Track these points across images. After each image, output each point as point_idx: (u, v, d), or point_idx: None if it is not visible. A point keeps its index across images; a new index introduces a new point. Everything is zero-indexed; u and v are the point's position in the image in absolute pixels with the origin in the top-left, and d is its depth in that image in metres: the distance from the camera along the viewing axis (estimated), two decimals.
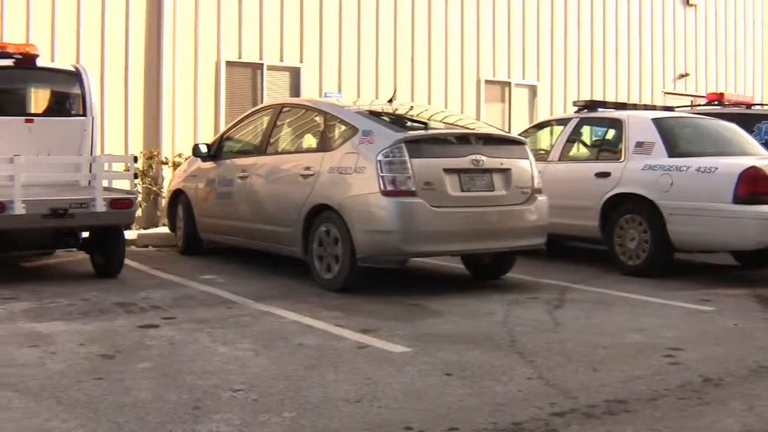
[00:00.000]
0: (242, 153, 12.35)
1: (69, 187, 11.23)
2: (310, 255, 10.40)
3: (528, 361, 6.88)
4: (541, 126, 14.69)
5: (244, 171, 11.69)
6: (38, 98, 12.71)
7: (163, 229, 14.89)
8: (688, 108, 16.09)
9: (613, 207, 11.75)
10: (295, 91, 17.89)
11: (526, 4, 21.25)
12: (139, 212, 14.11)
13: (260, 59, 17.61)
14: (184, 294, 9.91)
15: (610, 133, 12.70)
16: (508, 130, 18.05)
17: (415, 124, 10.46)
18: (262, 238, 11.38)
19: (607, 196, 11.78)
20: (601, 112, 13.27)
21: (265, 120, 12.06)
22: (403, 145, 9.66)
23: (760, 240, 10.57)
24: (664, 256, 11.32)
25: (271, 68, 17.75)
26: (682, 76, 24.17)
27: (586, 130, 13.62)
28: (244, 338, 7.59)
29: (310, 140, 11.60)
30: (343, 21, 18.56)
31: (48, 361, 6.75)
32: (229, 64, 17.27)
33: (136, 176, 11.26)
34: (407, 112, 11.42)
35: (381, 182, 9.56)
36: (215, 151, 12.60)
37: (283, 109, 11.94)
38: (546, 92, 21.60)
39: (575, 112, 13.65)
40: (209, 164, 12.62)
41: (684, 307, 9.34)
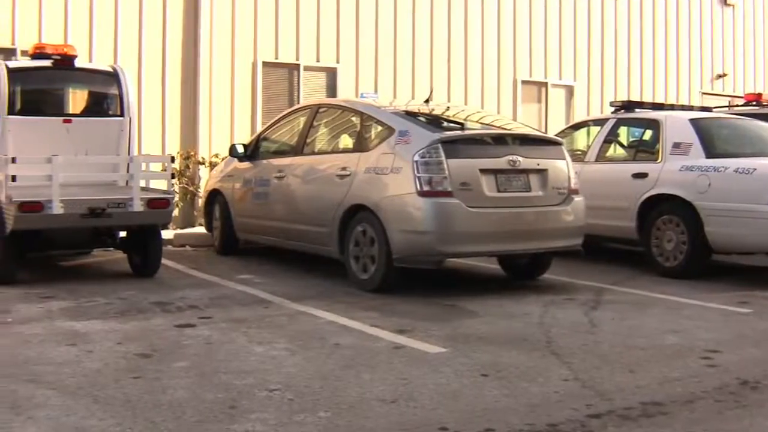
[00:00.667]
0: (279, 153, 12.38)
1: (107, 187, 11.30)
2: (347, 255, 10.41)
3: (564, 362, 6.86)
4: (577, 126, 14.63)
5: (281, 171, 11.71)
6: (76, 98, 12.78)
7: (200, 229, 14.94)
8: (726, 108, 15.97)
9: (650, 208, 11.69)
10: (332, 91, 17.90)
11: (563, 4, 21.16)
12: (176, 212, 14.16)
13: (297, 60, 17.64)
14: (220, 293, 9.94)
15: (648, 134, 12.63)
16: (544, 131, 17.96)
17: (452, 125, 10.44)
18: (299, 238, 11.40)
19: (644, 197, 11.71)
20: (638, 113, 13.19)
21: (302, 120, 12.08)
22: (440, 146, 9.65)
23: None
24: (702, 258, 11.24)
25: (307, 69, 17.77)
26: (719, 77, 24.00)
27: (623, 131, 13.56)
28: (281, 338, 7.61)
29: (346, 140, 11.61)
30: (380, 21, 18.55)
31: (85, 360, 6.79)
32: (265, 64, 17.31)
33: (173, 176, 11.28)
34: (444, 113, 11.40)
35: (417, 183, 9.56)
36: (252, 152, 12.63)
37: (320, 110, 11.95)
38: (583, 93, 21.50)
39: (612, 113, 13.57)
40: (246, 164, 12.64)
41: (721, 309, 9.29)
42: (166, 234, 12.69)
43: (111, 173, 11.51)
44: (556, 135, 12.63)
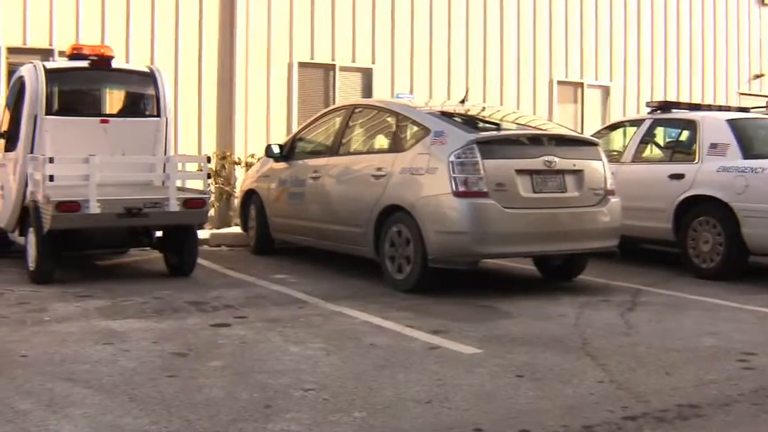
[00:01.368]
0: (314, 153, 12.40)
1: (143, 186, 11.35)
2: (382, 255, 10.41)
3: (599, 364, 6.84)
4: (614, 127, 14.58)
5: (316, 171, 11.73)
6: (113, 99, 12.84)
7: (236, 229, 14.99)
8: (764, 109, 15.85)
9: (687, 209, 11.63)
10: (367, 91, 17.93)
11: (599, 4, 21.07)
12: (211, 212, 14.21)
13: (332, 60, 17.67)
14: (256, 293, 9.97)
15: (684, 135, 12.56)
16: (580, 132, 17.92)
17: (487, 125, 10.43)
18: (334, 239, 11.42)
19: (681, 198, 11.65)
20: (675, 113, 13.11)
21: (337, 121, 12.09)
22: (476, 146, 9.64)
23: None
24: (739, 260, 11.17)
25: (343, 69, 17.80)
26: (757, 77, 23.83)
27: (660, 132, 13.49)
28: (316, 338, 7.62)
29: (381, 141, 11.62)
30: (415, 21, 18.55)
31: (121, 359, 6.83)
32: (301, 65, 17.35)
33: (209, 176, 11.31)
34: (479, 113, 11.39)
35: (453, 183, 9.55)
36: (287, 152, 12.65)
37: (355, 110, 11.97)
38: (619, 93, 21.41)
39: (648, 113, 13.50)
40: (281, 165, 12.67)
41: (758, 311, 9.23)
42: (202, 234, 12.75)
43: (147, 173, 11.56)
44: (592, 135, 12.58)
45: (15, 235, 11.51)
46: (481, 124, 10.49)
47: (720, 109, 13.89)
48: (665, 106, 13.49)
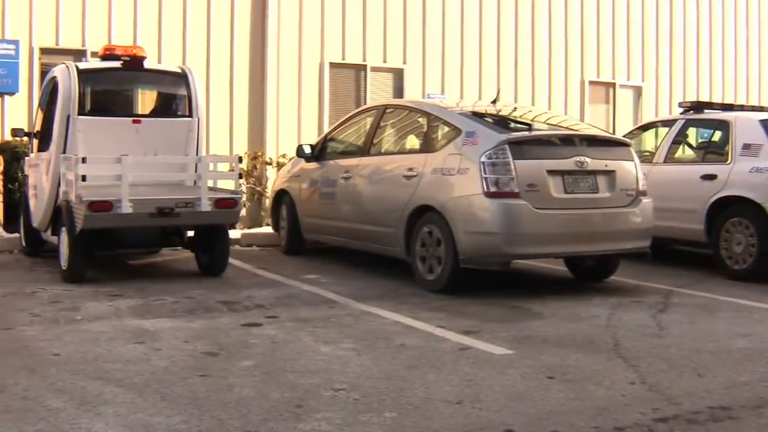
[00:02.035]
0: (345, 154, 12.42)
1: (175, 186, 11.38)
2: (413, 256, 10.41)
3: (631, 365, 6.81)
4: (646, 127, 14.53)
5: (348, 172, 11.74)
6: (145, 99, 12.91)
7: (267, 229, 15.03)
8: None
9: (719, 210, 11.57)
10: (399, 92, 17.94)
11: (631, 4, 21.00)
12: (243, 212, 14.20)
13: (364, 60, 17.69)
14: (287, 293, 9.99)
15: (717, 135, 12.49)
16: (612, 132, 17.85)
17: (519, 126, 10.39)
18: (365, 239, 11.42)
19: (713, 199, 11.59)
20: (708, 114, 13.04)
21: (369, 121, 12.10)
22: (507, 147, 9.62)
23: None
24: None
25: (374, 69, 17.82)
26: None
27: (692, 132, 13.43)
28: (346, 338, 7.63)
29: (413, 141, 11.62)
30: (447, 22, 18.55)
31: (153, 358, 6.86)
32: (332, 65, 17.39)
33: (240, 176, 11.34)
34: (511, 114, 11.35)
35: (484, 183, 9.54)
36: (319, 152, 12.66)
37: (387, 111, 11.97)
38: (651, 93, 21.33)
39: (681, 114, 13.43)
40: (313, 165, 12.69)
41: None
42: (234, 234, 12.78)
43: (179, 173, 11.59)
44: (625, 136, 12.53)
45: (48, 235, 11.58)
46: (512, 125, 10.45)
47: (753, 109, 13.81)
48: (698, 107, 13.42)
